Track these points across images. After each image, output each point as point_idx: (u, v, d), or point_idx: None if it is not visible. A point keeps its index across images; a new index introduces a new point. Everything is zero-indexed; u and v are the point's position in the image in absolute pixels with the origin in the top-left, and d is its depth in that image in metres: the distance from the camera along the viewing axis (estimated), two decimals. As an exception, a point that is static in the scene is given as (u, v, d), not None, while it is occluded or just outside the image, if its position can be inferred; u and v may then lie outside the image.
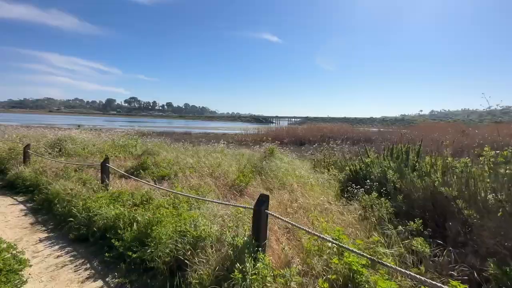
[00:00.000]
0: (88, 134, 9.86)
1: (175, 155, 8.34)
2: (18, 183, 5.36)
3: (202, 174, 6.01)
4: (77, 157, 7.44)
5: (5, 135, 9.64)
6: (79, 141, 8.65)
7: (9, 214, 4.14)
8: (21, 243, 3.19)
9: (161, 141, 10.73)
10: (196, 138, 22.54)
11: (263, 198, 2.31)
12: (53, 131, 11.34)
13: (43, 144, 8.21)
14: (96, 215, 3.36)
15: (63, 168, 5.74)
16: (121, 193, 4.21)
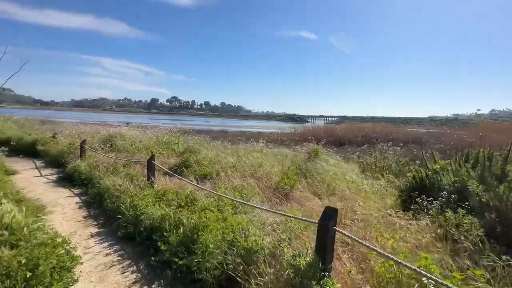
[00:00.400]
0: (135, 131, 10.40)
1: (215, 153, 8.30)
2: (75, 176, 5.72)
3: (244, 174, 5.79)
4: (125, 152, 7.80)
5: (66, 131, 10.66)
6: (127, 138, 9.13)
7: (67, 206, 4.36)
8: (74, 237, 3.25)
9: (201, 139, 10.89)
10: (233, 136, 22.75)
11: (330, 212, 1.91)
12: (106, 128, 12.26)
13: (97, 139, 8.83)
14: (142, 214, 3.29)
15: (113, 164, 6.00)
16: (165, 191, 4.16)
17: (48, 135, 9.65)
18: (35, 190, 5.10)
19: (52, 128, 11.72)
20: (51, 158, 7.87)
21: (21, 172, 6.57)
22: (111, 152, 7.71)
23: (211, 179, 5.44)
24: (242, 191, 4.41)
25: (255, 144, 9.94)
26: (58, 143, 8.52)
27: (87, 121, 27.30)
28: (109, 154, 7.32)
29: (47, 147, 8.43)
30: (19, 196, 4.06)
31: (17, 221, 2.70)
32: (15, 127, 13.07)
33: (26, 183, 5.56)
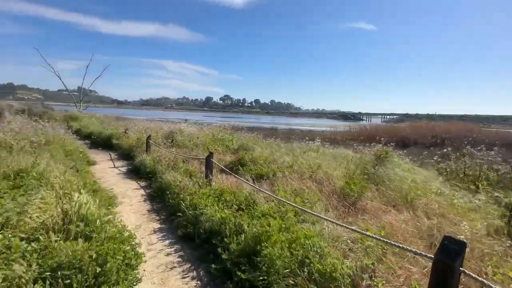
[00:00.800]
0: (193, 128, 10.88)
1: (269, 151, 8.03)
2: (141, 169, 6.11)
3: (302, 176, 5.34)
4: (184, 148, 8.13)
5: (135, 127, 11.80)
6: (186, 134, 9.56)
7: (134, 198, 4.60)
8: (139, 231, 3.32)
9: (253, 137, 10.80)
10: (283, 134, 22.30)
11: (453, 246, 1.36)
12: (167, 124, 13.22)
13: (160, 135, 9.47)
14: (202, 215, 3.17)
15: (173, 159, 6.23)
16: (223, 190, 4.02)
17: (121, 131, 10.79)
18: (109, 180, 5.59)
19: (124, 124, 13.17)
20: (123, 151, 8.73)
21: (99, 162, 7.38)
22: (172, 147, 8.12)
23: (267, 179, 5.15)
24: (303, 196, 3.99)
25: (311, 143, 9.37)
26: (129, 138, 9.41)
27: (152, 118, 30.36)
28: (170, 149, 7.71)
29: (120, 141, 9.39)
30: (96, 186, 4.43)
31: (91, 213, 2.82)
32: (96, 123, 15.16)
33: (102, 173, 6.17)
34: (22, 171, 4.10)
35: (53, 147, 7.03)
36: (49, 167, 4.54)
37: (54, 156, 6.20)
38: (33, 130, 7.54)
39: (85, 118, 16.98)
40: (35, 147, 6.82)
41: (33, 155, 5.98)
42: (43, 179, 3.91)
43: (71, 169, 5.41)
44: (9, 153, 5.92)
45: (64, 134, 8.90)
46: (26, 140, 6.92)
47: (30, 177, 3.95)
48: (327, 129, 32.60)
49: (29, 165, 4.29)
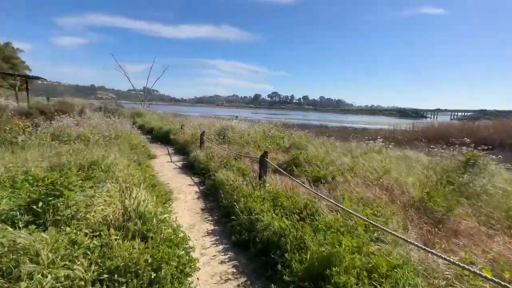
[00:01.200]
0: (243, 124, 10.84)
1: (324, 151, 7.40)
2: (195, 165, 6.20)
3: (365, 181, 4.66)
4: (235, 145, 8.07)
5: (190, 123, 12.37)
6: (237, 131, 9.55)
7: (188, 194, 4.61)
8: (193, 232, 3.21)
9: (305, 134, 10.21)
10: (335, 132, 20.93)
11: None
12: (219, 121, 13.55)
13: (212, 131, 9.66)
14: (257, 221, 2.87)
15: (226, 156, 6.15)
16: (278, 194, 3.68)
17: (177, 126, 11.41)
18: (166, 174, 5.80)
19: (180, 120, 13.98)
20: (179, 146, 9.15)
21: (158, 156, 7.83)
22: (224, 144, 8.15)
23: (326, 183, 4.62)
24: (373, 207, 3.37)
25: (371, 143, 8.40)
26: (184, 134, 9.84)
27: (204, 115, 31.98)
28: (222, 145, 7.73)
29: (176, 137, 9.89)
30: (154, 181, 4.57)
31: (149, 211, 2.78)
32: (157, 119, 16.49)
33: (161, 167, 6.47)
34: (94, 163, 4.44)
35: (121, 141, 7.68)
36: (116, 160, 4.84)
37: (121, 149, 6.74)
38: (105, 125, 8.41)
39: (148, 114, 18.68)
40: (107, 140, 7.57)
41: (104, 148, 6.59)
42: (110, 171, 4.15)
43: (134, 162, 5.76)
44: (86, 146, 6.65)
45: (130, 129, 9.79)
46: (100, 134, 7.74)
47: (100, 169, 4.24)
48: (384, 127, 29.59)
49: (100, 158, 4.63)
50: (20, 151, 5.51)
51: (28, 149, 5.70)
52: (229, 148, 7.31)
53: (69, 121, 8.01)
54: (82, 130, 7.57)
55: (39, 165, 4.27)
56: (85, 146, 6.62)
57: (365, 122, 49.95)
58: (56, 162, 4.36)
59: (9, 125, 7.53)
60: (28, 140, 6.60)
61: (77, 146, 6.28)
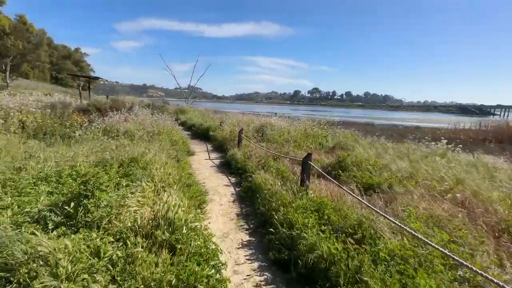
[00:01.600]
0: (283, 121, 10.34)
1: (374, 152, 6.53)
2: (232, 164, 5.96)
3: (432, 193, 3.83)
4: (274, 143, 7.65)
5: (229, 120, 12.33)
6: (276, 128, 9.10)
7: (224, 196, 4.35)
8: (226, 242, 2.90)
9: (351, 133, 9.28)
10: (382, 131, 19.03)
11: None
12: (258, 117, 13.27)
13: (251, 128, 9.40)
14: (300, 239, 2.42)
15: (264, 156, 5.77)
16: (323, 203, 3.15)
17: (216, 123, 11.42)
18: (203, 173, 5.66)
19: (220, 117, 14.06)
20: (217, 143, 9.09)
21: (197, 153, 7.83)
22: (262, 142, 7.79)
23: (380, 192, 3.91)
24: (450, 230, 2.63)
25: (432, 145, 7.23)
26: (223, 130, 9.76)
27: (244, 111, 32.21)
28: (260, 143, 7.38)
29: (215, 133, 9.86)
30: (190, 180, 4.41)
31: (179, 217, 2.52)
32: (198, 115, 16.94)
33: (198, 165, 6.39)
34: (134, 159, 4.45)
35: (163, 137, 7.86)
36: (155, 156, 4.82)
37: (162, 145, 6.86)
38: (149, 121, 8.74)
39: (190, 111, 19.36)
40: (150, 136, 7.81)
41: (147, 144, 6.75)
42: (147, 169, 4.09)
43: (173, 159, 5.75)
44: (131, 141, 6.91)
45: (172, 126, 10.08)
46: (144, 130, 8.04)
47: (139, 166, 4.22)
48: (442, 125, 26.08)
49: (139, 155, 4.64)
50: (75, 145, 5.90)
51: (82, 144, 6.09)
52: (267, 147, 6.92)
53: (118, 117, 8.49)
54: (129, 126, 7.95)
55: (86, 160, 4.43)
56: (131, 141, 6.88)
57: (417, 119, 45.02)
58: (101, 158, 4.48)
59: (69, 121, 8.28)
60: (84, 134, 7.11)
61: (123, 142, 6.51)
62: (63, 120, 8.22)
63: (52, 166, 3.85)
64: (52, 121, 7.90)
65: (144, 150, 5.00)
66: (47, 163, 3.94)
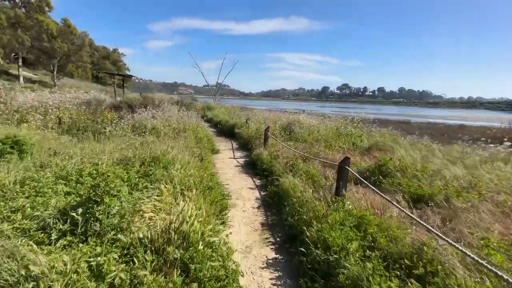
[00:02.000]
0: (312, 119, 9.71)
1: (419, 155, 5.72)
2: (258, 164, 5.57)
3: (500, 208, 3.10)
4: (303, 143, 7.11)
5: (255, 117, 11.97)
6: (305, 126, 8.54)
7: (247, 201, 4.00)
8: (248, 259, 2.52)
9: (388, 132, 8.37)
10: (421, 130, 17.34)
11: None
12: (285, 114, 12.73)
13: (278, 126, 8.94)
14: (339, 267, 1.95)
15: (292, 157, 5.30)
16: (364, 218, 2.62)
17: (242, 120, 11.12)
18: (226, 173, 5.36)
19: (246, 114, 13.77)
20: (243, 141, 8.78)
21: (222, 151, 7.58)
22: (290, 141, 7.29)
23: (434, 206, 3.25)
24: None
25: (491, 147, 6.24)
26: (249, 128, 9.43)
27: (270, 108, 31.62)
28: (288, 142, 6.91)
29: (241, 131, 9.56)
30: (212, 183, 4.11)
31: (195, 230, 2.20)
32: (225, 112, 16.80)
33: (222, 164, 6.11)
34: (156, 158, 4.27)
35: (188, 134, 7.75)
36: (178, 155, 4.60)
37: (187, 142, 6.71)
38: (176, 118, 8.70)
39: (216, 108, 19.37)
40: (176, 133, 7.74)
41: (172, 141, 6.63)
42: (168, 169, 3.86)
43: (197, 157, 5.53)
44: (157, 138, 6.85)
45: (197, 123, 9.99)
46: (170, 127, 8.00)
47: (160, 166, 4.02)
48: (494, 124, 23.19)
49: (162, 153, 4.45)
50: (104, 141, 5.95)
51: (111, 139, 6.14)
52: (295, 147, 6.42)
53: (146, 114, 8.55)
54: (155, 122, 7.95)
55: (110, 157, 4.34)
56: (156, 138, 6.82)
57: (459, 117, 40.80)
58: (125, 155, 4.36)
59: (101, 117, 8.52)
60: (114, 130, 7.22)
61: (149, 139, 6.47)
62: (96, 117, 8.49)
63: (76, 163, 3.78)
64: (85, 117, 8.19)
65: (167, 148, 4.83)
66: (71, 160, 3.88)
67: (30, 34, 33.18)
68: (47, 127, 7.04)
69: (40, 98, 9.30)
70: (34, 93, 10.96)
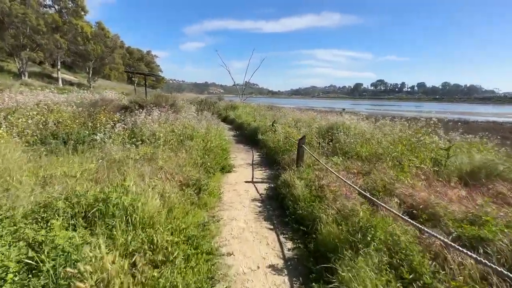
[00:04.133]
0: (361, 121, 7.19)
1: None
2: (287, 204, 3.39)
3: None
4: (354, 158, 4.77)
5: (283, 118, 9.76)
6: (353, 132, 6.13)
7: None
8: None
9: (482, 141, 5.58)
10: (486, 130, 13.55)
11: None
12: (321, 115, 10.33)
13: (314, 131, 6.64)
14: None
15: (346, 190, 3.04)
16: None
17: (268, 123, 8.99)
18: (235, 217, 3.26)
19: (273, 114, 11.57)
20: (268, 151, 6.66)
21: (237, 168, 5.53)
22: (335, 155, 4.98)
23: None
24: None
25: None
26: (275, 133, 7.27)
27: (300, 107, 28.95)
28: (331, 158, 4.62)
29: (266, 137, 7.44)
30: (208, 246, 2.04)
31: None
32: (249, 112, 14.66)
33: (232, 195, 4.04)
34: (103, 201, 2.36)
35: (196, 142, 5.87)
36: (147, 195, 2.64)
37: (190, 155, 4.83)
38: (181, 123, 6.87)
39: (241, 107, 17.40)
40: (181, 140, 5.90)
41: (167, 153, 4.78)
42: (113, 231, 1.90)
43: (192, 188, 3.55)
44: (154, 148, 5.07)
45: (213, 126, 8.10)
46: (174, 132, 6.18)
47: (109, 216, 2.09)
48: None
49: (116, 189, 2.52)
50: (89, 153, 4.36)
51: (91, 152, 4.51)
52: (346, 167, 4.14)
53: (144, 117, 6.83)
54: (156, 127, 6.19)
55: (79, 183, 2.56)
56: (154, 148, 5.07)
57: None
58: (54, 197, 2.51)
59: (94, 121, 6.97)
60: (107, 138, 5.58)
61: (141, 149, 4.73)
62: (87, 120, 6.98)
63: None
64: (74, 121, 6.70)
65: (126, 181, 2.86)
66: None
67: (67, 38, 34.55)
68: (21, 135, 5.60)
69: (39, 98, 8.14)
70: (41, 92, 10.00)
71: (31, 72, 35.80)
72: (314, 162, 4.33)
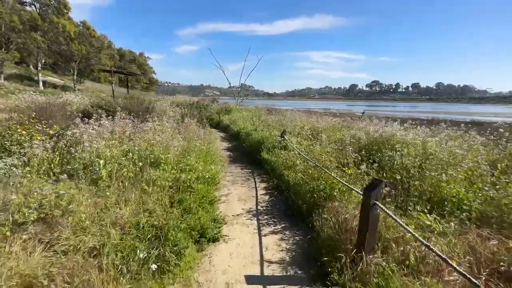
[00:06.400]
0: (414, 130, 4.88)
1: None
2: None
3: None
4: (417, 196, 2.46)
5: (291, 124, 7.45)
6: (406, 150, 3.83)
7: None
8: None
9: None
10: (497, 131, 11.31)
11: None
12: (336, 118, 8.05)
13: (350, 149, 4.31)
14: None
15: None
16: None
17: (274, 134, 6.63)
18: None
19: (278, 120, 9.19)
20: (280, 183, 4.31)
21: (230, 229, 3.10)
22: (410, 205, 2.66)
23: None
24: None
25: None
26: (290, 152, 4.93)
27: (298, 108, 26.54)
28: (417, 215, 2.32)
29: (272, 157, 5.08)
30: None
31: None
32: (247, 117, 12.18)
33: None
34: None
35: (162, 171, 3.52)
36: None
37: (144, 206, 2.49)
38: (147, 138, 4.49)
39: (236, 111, 14.89)
40: (139, 169, 3.55)
41: (119, 197, 2.42)
42: None
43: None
44: (96, 185, 2.76)
45: (198, 137, 5.74)
46: (128, 157, 3.79)
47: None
48: None
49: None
50: None
51: None
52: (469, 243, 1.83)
53: (92, 130, 4.40)
54: (104, 149, 3.77)
55: None
56: (95, 187, 2.70)
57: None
58: None
59: (11, 136, 4.50)
60: (23, 165, 3.19)
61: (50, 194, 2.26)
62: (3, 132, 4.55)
63: None
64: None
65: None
66: None
67: (47, 37, 31.76)
68: None
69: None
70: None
71: (11, 74, 32.89)
72: (395, 236, 1.99)
